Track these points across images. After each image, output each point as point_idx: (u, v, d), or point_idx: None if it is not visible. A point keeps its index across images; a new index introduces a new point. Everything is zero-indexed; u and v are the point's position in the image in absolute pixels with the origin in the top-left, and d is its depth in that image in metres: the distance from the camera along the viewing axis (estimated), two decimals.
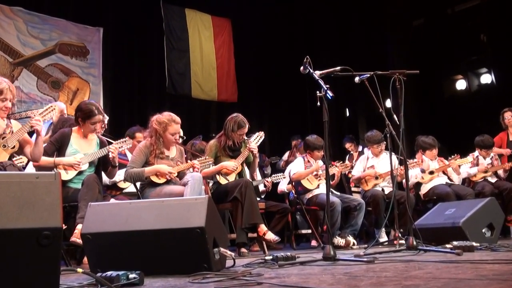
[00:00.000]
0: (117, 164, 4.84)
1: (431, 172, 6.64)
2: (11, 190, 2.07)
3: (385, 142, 6.54)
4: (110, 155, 4.69)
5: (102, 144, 4.87)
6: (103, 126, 5.99)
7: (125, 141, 4.96)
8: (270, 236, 4.82)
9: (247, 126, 5.37)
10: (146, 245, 3.01)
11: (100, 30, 8.85)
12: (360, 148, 8.65)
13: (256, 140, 5.56)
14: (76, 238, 4.06)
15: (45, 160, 4.51)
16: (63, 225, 3.45)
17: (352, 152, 8.71)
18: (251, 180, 5.24)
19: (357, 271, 2.68)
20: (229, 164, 5.28)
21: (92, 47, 8.76)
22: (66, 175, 4.55)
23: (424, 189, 6.64)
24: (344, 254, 3.77)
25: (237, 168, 5.32)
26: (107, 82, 8.82)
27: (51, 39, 8.38)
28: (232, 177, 5.34)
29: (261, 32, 10.76)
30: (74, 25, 8.63)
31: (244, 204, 4.87)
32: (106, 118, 6.19)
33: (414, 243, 3.99)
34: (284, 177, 6.60)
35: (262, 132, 5.65)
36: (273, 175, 6.67)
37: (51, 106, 4.41)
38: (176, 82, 9.59)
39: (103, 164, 4.84)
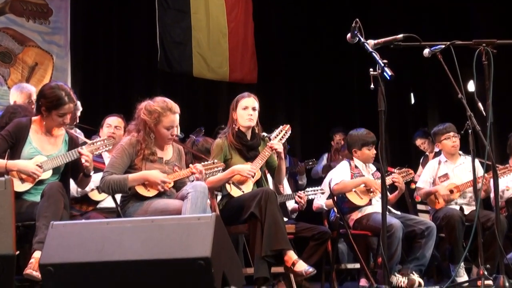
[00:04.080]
0: (91, 173, 4.87)
1: None
2: None
3: (458, 135, 6.50)
4: (83, 161, 4.71)
5: (71, 143, 4.90)
6: (74, 118, 6.05)
7: (103, 141, 4.97)
8: (302, 266, 4.74)
9: (252, 97, 5.40)
10: (130, 282, 3.04)
11: None
12: (437, 148, 8.58)
13: (279, 135, 5.53)
14: (32, 270, 4.10)
15: None
16: (16, 252, 3.49)
17: (426, 153, 8.63)
18: (273, 190, 5.21)
19: None
20: (243, 167, 5.27)
21: (57, 5, 8.81)
22: (21, 185, 4.59)
23: None
24: None
25: (254, 173, 5.31)
26: (76, 55, 8.87)
27: None
28: (248, 187, 5.34)
29: None
30: None
31: (264, 224, 4.85)
32: (79, 108, 6.24)
33: (507, 284, 3.96)
34: (323, 192, 6.58)
35: (288, 126, 5.62)
36: (307, 189, 6.64)
37: None
38: (171, 56, 9.61)
39: (73, 171, 4.88)
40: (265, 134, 5.53)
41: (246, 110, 5.36)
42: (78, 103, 6.22)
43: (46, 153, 4.73)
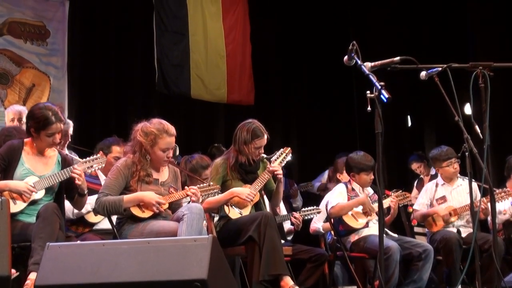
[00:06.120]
0: (85, 192, 4.87)
1: None
2: None
3: (458, 159, 6.52)
4: (76, 180, 4.72)
5: (64, 163, 4.91)
6: (66, 136, 6.04)
7: (96, 159, 4.98)
8: None
9: (265, 136, 5.39)
10: None
11: (66, 4, 8.93)
12: (433, 171, 8.60)
13: (280, 158, 5.55)
14: None
15: None
16: (12, 273, 3.48)
17: (421, 176, 8.66)
18: (272, 214, 5.22)
19: None
20: (243, 190, 5.30)
21: (54, 27, 8.84)
22: (13, 206, 4.56)
23: None
24: None
25: (253, 197, 5.32)
26: (73, 76, 8.89)
27: None
28: (246, 210, 5.35)
29: (290, 8, 10.79)
30: None
31: (263, 248, 4.87)
32: (71, 125, 6.22)
33: None
34: (319, 211, 6.58)
35: (289, 148, 5.65)
36: (303, 209, 6.64)
37: None
38: (169, 77, 9.63)
39: (67, 191, 4.88)
40: (264, 155, 5.54)
41: (259, 149, 5.38)
42: (70, 121, 6.22)
43: (39, 174, 4.73)
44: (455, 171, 6.64)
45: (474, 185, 5.58)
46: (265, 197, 5.68)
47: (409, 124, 11.23)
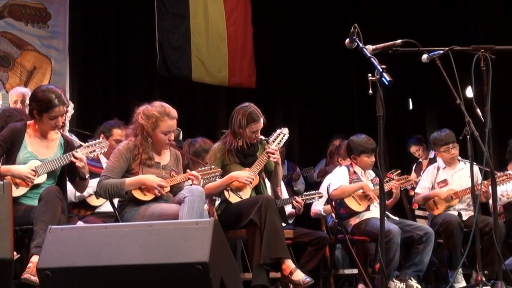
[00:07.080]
0: (87, 176, 4.87)
1: None
2: None
3: (457, 144, 6.51)
4: (77, 164, 4.71)
5: (67, 146, 4.91)
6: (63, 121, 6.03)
7: (99, 143, 4.98)
8: (299, 276, 4.82)
9: (261, 119, 5.38)
10: (127, 287, 3.03)
11: None
12: (431, 155, 8.58)
13: (277, 139, 5.55)
14: (30, 274, 4.10)
15: None
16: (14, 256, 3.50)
17: (420, 160, 8.65)
18: (273, 198, 5.23)
19: None
20: (242, 174, 5.30)
21: (55, 9, 8.81)
22: (16, 190, 4.57)
23: None
24: None
25: (252, 179, 5.33)
26: (75, 59, 8.87)
27: None
28: (246, 194, 5.36)
29: None
30: None
31: (264, 231, 4.88)
32: (71, 107, 6.20)
33: None
34: (320, 196, 6.59)
35: (286, 129, 5.63)
36: (305, 193, 6.64)
37: None
38: (170, 60, 9.60)
39: (70, 174, 4.89)
40: (262, 137, 5.53)
41: (255, 133, 5.38)
42: (71, 105, 6.20)
43: (42, 157, 4.73)
44: (452, 156, 6.62)
45: (476, 168, 5.58)
46: (266, 180, 5.69)
47: (411, 107, 11.22)
